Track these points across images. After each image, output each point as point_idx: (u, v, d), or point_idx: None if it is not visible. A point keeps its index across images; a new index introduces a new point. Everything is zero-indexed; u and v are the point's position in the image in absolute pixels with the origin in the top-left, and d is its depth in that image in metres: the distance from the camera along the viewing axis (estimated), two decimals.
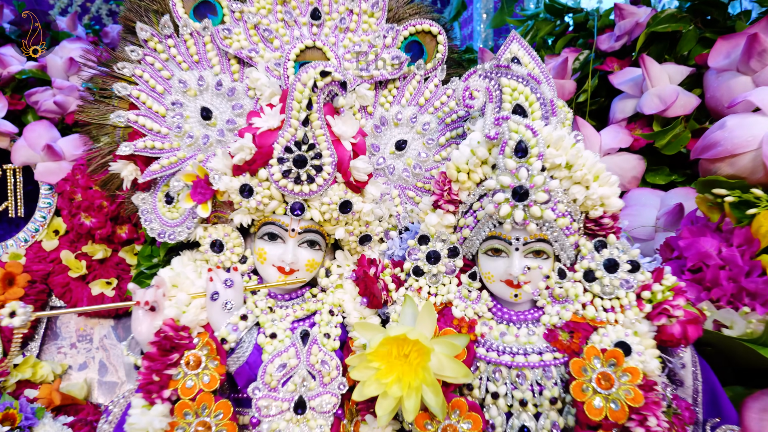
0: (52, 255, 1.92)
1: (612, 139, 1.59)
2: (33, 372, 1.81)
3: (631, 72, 1.64)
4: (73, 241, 1.87)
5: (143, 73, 1.07)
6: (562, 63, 1.81)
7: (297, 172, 0.98)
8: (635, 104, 1.60)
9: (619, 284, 0.94)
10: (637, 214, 1.43)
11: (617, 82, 1.66)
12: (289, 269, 1.01)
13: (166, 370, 0.89)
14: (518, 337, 0.94)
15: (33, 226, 1.97)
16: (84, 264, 1.84)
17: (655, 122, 1.56)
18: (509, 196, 0.89)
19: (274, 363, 0.92)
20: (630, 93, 1.62)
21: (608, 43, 1.76)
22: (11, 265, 1.90)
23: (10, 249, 1.95)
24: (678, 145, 1.48)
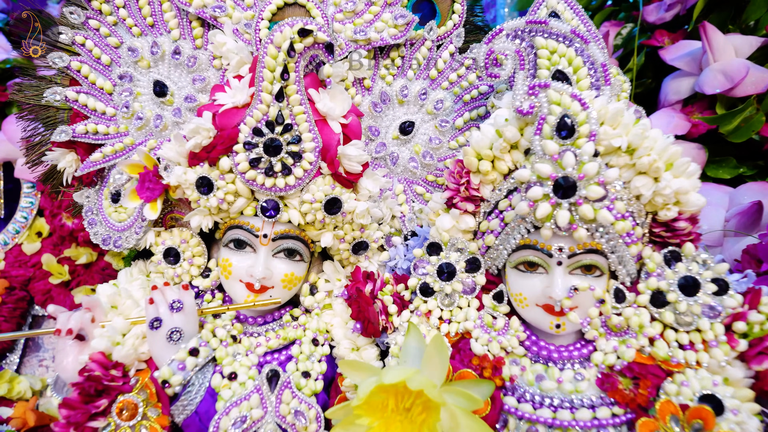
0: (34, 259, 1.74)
1: (664, 124, 1.32)
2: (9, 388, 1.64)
3: (687, 45, 1.37)
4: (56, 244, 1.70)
5: (86, 40, 0.86)
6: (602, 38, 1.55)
7: (269, 160, 0.75)
8: (693, 83, 1.33)
9: (701, 311, 0.69)
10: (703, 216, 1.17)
11: (670, 58, 1.40)
12: (259, 286, 0.78)
13: (90, 422, 0.67)
14: (561, 382, 0.70)
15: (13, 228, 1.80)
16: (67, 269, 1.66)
17: (719, 104, 1.29)
18: (549, 191, 0.65)
19: (230, 415, 0.69)
20: (686, 70, 1.36)
21: (657, 14, 1.49)
22: None
23: None
24: (748, 131, 1.22)
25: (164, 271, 0.84)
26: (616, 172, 0.66)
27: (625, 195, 0.69)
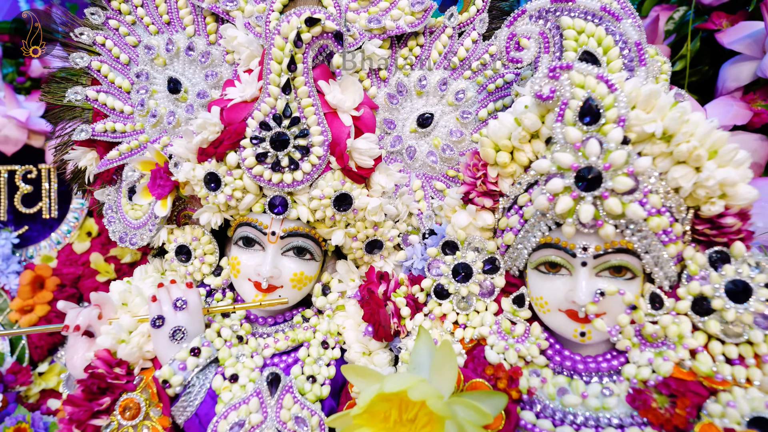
0: (83, 258, 1.83)
1: (723, 114, 1.20)
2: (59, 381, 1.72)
3: (748, 27, 1.24)
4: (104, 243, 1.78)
5: (105, 40, 0.87)
6: (652, 23, 1.43)
7: (276, 155, 0.73)
8: (754, 68, 1.21)
9: (753, 321, 0.59)
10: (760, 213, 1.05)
11: (728, 41, 1.27)
12: (267, 285, 0.75)
13: (93, 420, 0.66)
14: (586, 397, 0.62)
15: (66, 228, 1.91)
16: (113, 267, 1.74)
17: None
18: (571, 183, 0.59)
19: (228, 419, 0.66)
20: (747, 54, 1.23)
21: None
22: (41, 268, 1.82)
23: (42, 251, 1.89)
24: None
25: (177, 268, 0.83)
26: (649, 161, 0.58)
27: (661, 187, 0.61)
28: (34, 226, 1.92)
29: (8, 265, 1.83)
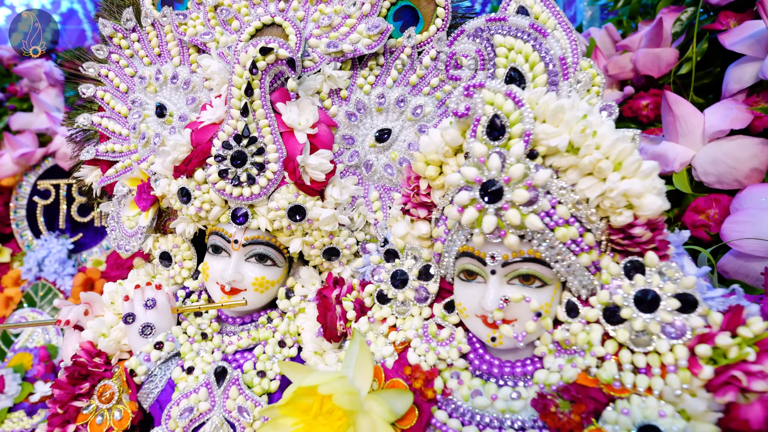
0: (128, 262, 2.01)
1: (720, 118, 1.16)
2: None
3: (751, 27, 1.20)
4: None
5: (108, 72, 1.00)
6: (656, 26, 1.41)
7: (235, 171, 0.81)
8: (757, 69, 1.15)
9: (661, 330, 0.60)
10: (756, 222, 1.01)
11: (730, 43, 1.22)
12: (229, 288, 0.84)
13: (74, 402, 0.77)
14: (495, 399, 0.65)
15: None
16: None
17: None
18: (476, 196, 0.62)
19: (180, 405, 0.75)
20: (750, 55, 1.18)
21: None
22: (92, 271, 2.03)
23: (93, 256, 2.11)
24: None
25: (162, 272, 0.93)
26: (547, 174, 0.60)
27: (569, 198, 0.63)
28: (87, 234, 2.14)
29: (64, 268, 2.05)
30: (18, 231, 2.13)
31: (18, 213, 2.14)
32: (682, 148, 1.22)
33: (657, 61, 1.41)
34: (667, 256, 0.64)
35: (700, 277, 0.67)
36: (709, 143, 1.18)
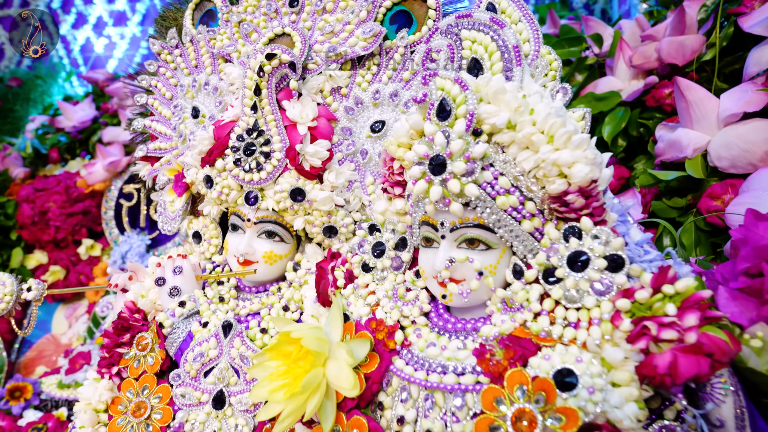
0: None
1: (734, 102, 1.15)
2: None
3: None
4: None
5: (157, 83, 1.20)
6: (678, 14, 1.39)
7: (247, 160, 0.96)
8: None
9: (590, 287, 0.65)
10: (759, 203, 0.99)
11: (749, 25, 1.20)
12: (243, 260, 0.98)
13: (118, 348, 0.95)
14: (445, 349, 0.73)
15: None
16: None
17: None
18: (426, 169, 0.71)
19: (194, 351, 0.90)
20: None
21: None
22: None
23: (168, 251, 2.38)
24: None
25: (194, 249, 1.10)
26: (483, 148, 0.68)
27: (510, 170, 0.70)
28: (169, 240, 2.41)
29: (143, 261, 2.33)
30: (107, 229, 2.45)
31: (107, 213, 2.47)
32: (696, 134, 1.21)
33: (681, 48, 1.39)
34: (604, 221, 0.69)
35: (643, 244, 0.71)
36: (724, 128, 1.17)
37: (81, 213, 2.44)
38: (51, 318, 2.46)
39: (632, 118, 1.46)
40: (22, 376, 2.11)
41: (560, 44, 1.65)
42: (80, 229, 2.44)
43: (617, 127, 1.46)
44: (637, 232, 0.72)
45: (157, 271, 1.00)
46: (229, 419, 0.87)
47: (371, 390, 0.73)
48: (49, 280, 2.34)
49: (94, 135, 2.58)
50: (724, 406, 0.61)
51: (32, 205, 2.38)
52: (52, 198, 2.41)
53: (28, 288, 1.03)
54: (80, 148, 2.63)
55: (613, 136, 1.46)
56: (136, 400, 0.91)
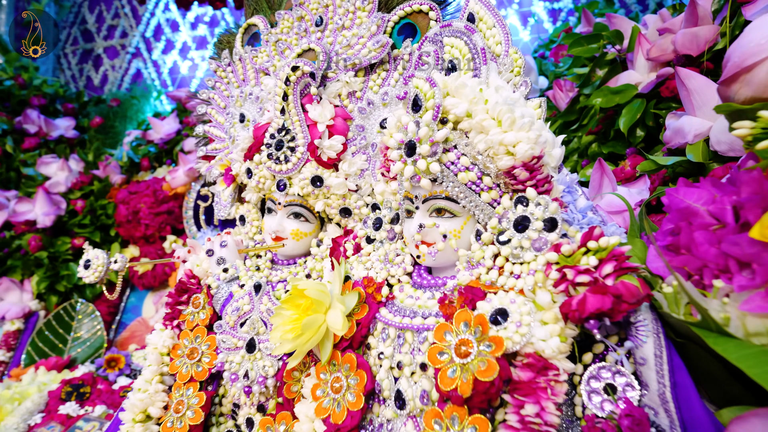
0: None
1: None
2: None
3: None
4: None
5: (214, 95, 1.45)
6: (689, 6, 1.44)
7: (276, 154, 1.17)
8: None
9: (531, 245, 0.78)
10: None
11: (751, 13, 1.23)
12: (275, 237, 1.19)
13: (178, 306, 1.19)
14: (418, 299, 0.88)
15: None
16: None
17: None
18: (402, 152, 0.88)
19: (232, 306, 1.12)
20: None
21: None
22: None
23: None
24: None
25: (240, 230, 1.33)
26: (444, 133, 0.83)
27: (470, 151, 0.85)
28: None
29: None
30: (187, 226, 2.80)
31: (187, 213, 2.83)
32: (698, 120, 1.26)
33: (695, 39, 1.44)
34: (548, 191, 0.81)
35: (587, 210, 0.83)
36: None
37: (166, 213, 2.81)
38: (142, 304, 2.85)
39: (648, 109, 1.51)
40: (117, 350, 2.49)
41: (579, 42, 1.73)
42: (165, 226, 2.81)
43: (633, 118, 1.52)
44: (583, 200, 0.84)
45: (208, 245, 1.24)
46: (258, 361, 1.07)
47: (361, 333, 0.91)
48: (140, 270, 2.73)
49: (177, 145, 2.97)
50: (646, 346, 0.72)
51: (127, 207, 2.79)
52: (143, 200, 2.81)
53: (115, 261, 1.31)
54: (166, 157, 3.04)
55: (628, 127, 1.52)
56: (190, 346, 1.14)
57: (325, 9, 1.29)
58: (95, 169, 3.01)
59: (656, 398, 0.70)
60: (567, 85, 1.87)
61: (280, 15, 1.34)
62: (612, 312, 0.68)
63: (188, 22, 4.14)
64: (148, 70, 4.21)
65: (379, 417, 0.87)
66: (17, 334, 2.67)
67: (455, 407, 0.72)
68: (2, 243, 2.74)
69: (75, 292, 2.77)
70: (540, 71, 2.40)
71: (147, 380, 1.13)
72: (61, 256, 2.78)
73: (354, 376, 0.88)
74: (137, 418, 1.09)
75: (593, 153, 1.70)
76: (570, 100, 1.83)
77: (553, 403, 0.69)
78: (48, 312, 2.72)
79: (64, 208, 2.81)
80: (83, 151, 3.11)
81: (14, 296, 2.72)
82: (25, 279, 2.76)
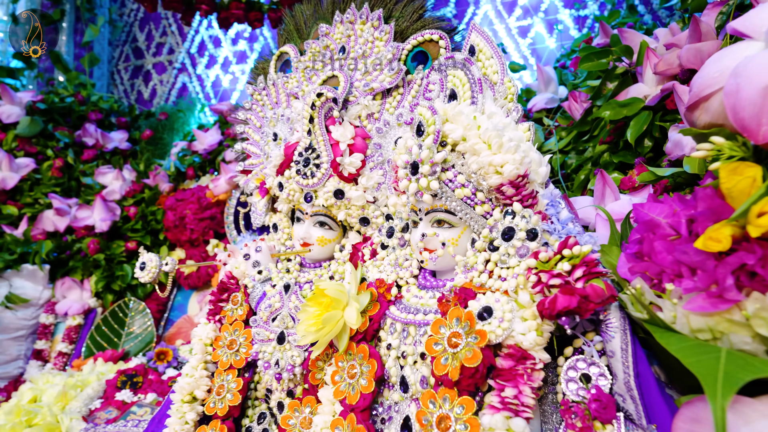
0: None
1: None
2: None
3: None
4: None
5: (251, 116, 1.63)
6: (692, 23, 1.51)
7: (303, 170, 1.33)
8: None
9: (516, 252, 0.90)
10: None
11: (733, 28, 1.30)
12: (302, 242, 1.35)
13: (220, 303, 1.37)
14: (421, 299, 1.02)
15: None
16: None
17: None
18: (408, 171, 1.01)
19: (265, 303, 1.28)
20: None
21: None
22: None
23: None
24: None
25: (274, 237, 1.50)
26: (443, 155, 0.96)
27: (466, 170, 0.97)
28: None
29: None
30: (228, 231, 3.02)
31: (228, 218, 3.05)
32: None
33: (699, 54, 1.51)
34: (533, 205, 0.93)
35: (568, 222, 0.94)
36: None
37: (209, 218, 3.03)
38: (187, 302, 3.09)
39: (654, 121, 1.59)
40: (165, 344, 2.73)
41: (589, 57, 1.82)
42: (209, 231, 3.04)
43: (639, 129, 1.60)
44: (565, 213, 0.95)
45: (245, 250, 1.41)
46: (287, 351, 1.23)
47: (373, 327, 1.05)
48: (186, 272, 2.96)
49: (219, 155, 3.20)
50: (613, 340, 0.83)
51: (174, 213, 3.03)
52: (188, 206, 3.04)
53: (166, 263, 1.50)
54: (209, 166, 3.27)
55: (635, 139, 1.60)
56: (230, 338, 1.32)
57: (347, 39, 1.45)
58: (146, 178, 3.28)
59: (623, 386, 0.81)
60: (582, 97, 1.95)
61: (308, 44, 1.50)
62: (580, 310, 0.79)
63: (229, 39, 4.41)
64: (192, 84, 4.50)
65: (388, 400, 1.01)
66: (78, 329, 2.96)
67: (447, 389, 0.85)
68: (65, 246, 3.03)
69: (128, 291, 3.03)
70: (560, 81, 2.48)
71: (193, 367, 1.31)
72: (116, 258, 3.05)
73: (367, 364, 1.02)
74: (185, 399, 1.27)
75: (605, 162, 1.78)
76: (584, 111, 1.91)
77: (530, 388, 0.81)
78: (105, 309, 2.99)
79: (118, 214, 3.08)
80: (135, 161, 3.39)
81: (75, 294, 3.01)
82: (85, 279, 3.05)
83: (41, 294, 2.98)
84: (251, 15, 3.11)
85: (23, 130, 3.17)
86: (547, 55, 3.42)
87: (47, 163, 3.22)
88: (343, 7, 1.48)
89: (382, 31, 1.37)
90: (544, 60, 3.40)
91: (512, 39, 3.55)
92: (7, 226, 3.02)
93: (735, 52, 0.81)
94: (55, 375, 2.45)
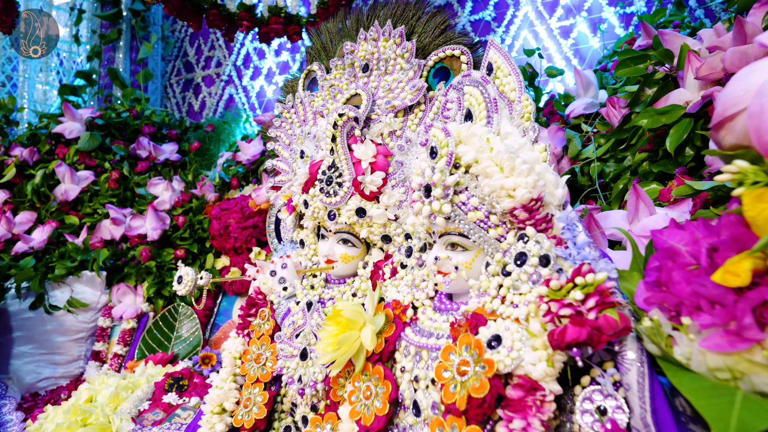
0: None
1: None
2: None
3: None
4: None
5: (280, 133, 1.68)
6: (736, 25, 1.42)
7: (327, 188, 1.35)
8: None
9: (528, 278, 0.88)
10: None
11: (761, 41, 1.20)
12: (326, 260, 1.37)
13: (248, 317, 1.42)
14: (435, 322, 1.01)
15: None
16: None
17: None
18: (421, 194, 1.01)
19: (289, 319, 1.31)
20: None
21: None
22: None
23: None
24: None
25: (301, 253, 1.53)
26: (455, 178, 0.96)
27: (479, 193, 0.96)
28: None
29: None
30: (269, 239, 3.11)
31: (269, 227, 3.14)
32: None
33: (744, 57, 1.42)
34: (547, 229, 0.91)
35: (584, 247, 0.91)
36: None
37: (252, 227, 3.13)
38: (232, 308, 3.21)
39: (695, 129, 1.50)
40: (210, 348, 2.84)
41: (626, 63, 1.74)
42: (251, 239, 3.13)
43: (679, 138, 1.52)
44: (582, 237, 0.92)
45: (271, 267, 1.45)
46: (310, 368, 1.26)
47: (388, 349, 1.05)
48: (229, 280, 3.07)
49: (261, 165, 3.30)
50: (629, 373, 0.79)
51: (219, 221, 3.15)
52: (232, 215, 3.15)
53: (201, 277, 1.56)
54: (252, 176, 3.38)
55: (675, 147, 1.52)
56: (257, 352, 1.36)
57: (371, 56, 1.46)
58: (193, 189, 3.43)
59: (639, 421, 0.78)
60: (620, 103, 1.87)
61: (334, 62, 1.53)
62: (591, 342, 0.76)
63: (272, 50, 4.54)
64: (239, 95, 4.66)
65: (402, 422, 1.01)
66: (132, 332, 3.13)
67: (455, 418, 0.85)
68: (120, 253, 3.22)
69: (177, 297, 3.18)
70: (600, 84, 2.39)
71: (223, 379, 1.37)
72: (166, 265, 3.21)
73: (381, 386, 1.03)
74: (215, 410, 1.32)
75: (644, 172, 1.70)
76: (622, 118, 1.83)
77: (539, 420, 0.79)
78: (156, 313, 3.15)
79: (168, 223, 3.24)
80: (184, 172, 3.55)
81: (129, 299, 3.19)
82: (138, 284, 3.22)
83: (99, 299, 3.17)
84: (290, 29, 3.19)
85: (83, 144, 3.40)
86: (590, 56, 3.30)
87: (105, 176, 3.44)
88: (368, 24, 1.49)
89: (403, 48, 1.37)
90: (587, 61, 3.28)
91: (554, 40, 3.45)
92: (70, 234, 3.25)
93: (762, 68, 0.76)
94: (110, 376, 2.61)
